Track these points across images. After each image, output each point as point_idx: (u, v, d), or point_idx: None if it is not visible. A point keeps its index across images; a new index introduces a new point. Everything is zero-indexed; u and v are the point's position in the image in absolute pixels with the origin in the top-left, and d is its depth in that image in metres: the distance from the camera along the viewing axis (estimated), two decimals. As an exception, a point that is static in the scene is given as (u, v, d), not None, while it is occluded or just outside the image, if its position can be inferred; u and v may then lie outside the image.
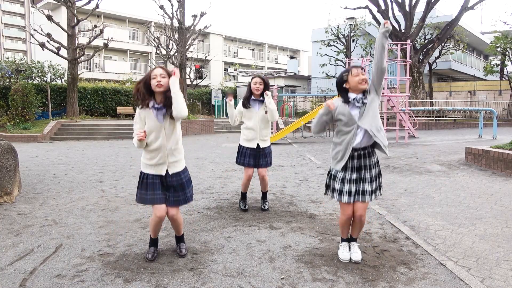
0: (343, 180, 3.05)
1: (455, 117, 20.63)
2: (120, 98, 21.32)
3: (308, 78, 36.86)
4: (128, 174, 7.07)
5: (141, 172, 3.09)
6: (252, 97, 4.35)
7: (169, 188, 3.06)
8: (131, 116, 21.06)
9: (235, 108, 4.42)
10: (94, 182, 6.33)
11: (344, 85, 3.01)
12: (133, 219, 4.28)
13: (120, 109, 20.97)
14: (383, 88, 13.56)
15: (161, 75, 2.92)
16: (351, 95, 2.99)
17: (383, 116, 13.72)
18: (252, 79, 4.38)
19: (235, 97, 26.51)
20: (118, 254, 3.28)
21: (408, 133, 13.73)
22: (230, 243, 3.54)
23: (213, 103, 25.51)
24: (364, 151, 3.03)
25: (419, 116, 19.31)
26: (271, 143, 4.93)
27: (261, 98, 4.34)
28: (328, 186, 3.21)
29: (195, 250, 3.35)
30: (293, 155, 10.00)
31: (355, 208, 3.05)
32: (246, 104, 4.36)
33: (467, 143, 10.82)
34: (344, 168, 3.05)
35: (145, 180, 3.04)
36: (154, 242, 3.25)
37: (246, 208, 4.63)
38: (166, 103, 2.94)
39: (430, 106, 20.75)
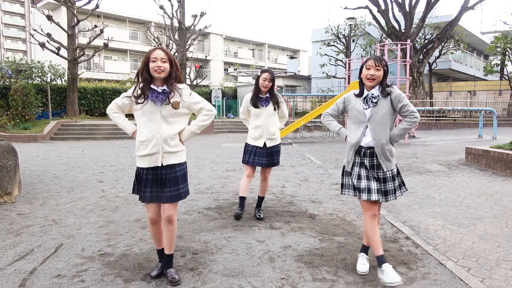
0: (359, 177, 2.83)
1: (455, 117, 20.64)
2: (120, 98, 21.30)
3: (308, 78, 36.87)
4: (128, 174, 7.07)
5: (137, 167, 2.79)
6: (259, 94, 4.13)
7: (163, 183, 2.71)
8: (131, 116, 21.05)
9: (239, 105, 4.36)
10: (94, 182, 6.33)
11: (361, 75, 2.87)
12: (133, 219, 4.28)
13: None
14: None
15: (162, 59, 2.62)
16: (365, 93, 2.85)
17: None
18: (261, 73, 4.14)
19: (235, 97, 26.53)
20: (118, 254, 3.28)
21: (408, 133, 13.73)
22: (230, 243, 3.54)
23: (213, 103, 25.51)
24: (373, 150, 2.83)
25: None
26: None
27: (267, 95, 4.15)
28: (342, 185, 2.99)
29: (195, 250, 3.35)
30: (293, 155, 10.00)
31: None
32: (255, 103, 4.14)
33: (467, 143, 10.82)
34: (358, 165, 2.86)
35: (139, 175, 2.75)
36: (159, 254, 2.92)
37: (241, 212, 4.13)
38: (168, 88, 2.68)
39: (430, 106, 20.74)
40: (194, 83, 28.77)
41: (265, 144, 4.17)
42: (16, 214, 4.43)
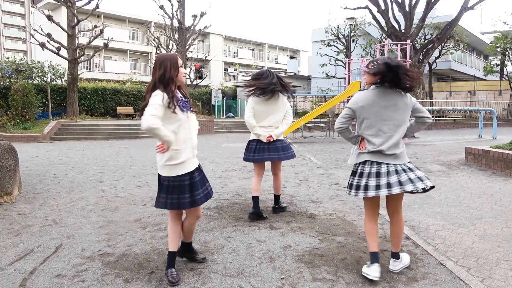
0: (369, 175, 2.79)
1: (455, 117, 20.64)
2: (120, 98, 21.32)
3: (308, 78, 36.88)
4: (128, 174, 7.07)
5: (161, 176, 2.77)
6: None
7: (195, 186, 2.77)
8: (131, 116, 21.06)
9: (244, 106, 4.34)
10: (94, 182, 6.33)
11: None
12: (133, 219, 4.28)
13: (120, 109, 20.98)
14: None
15: (181, 65, 2.77)
16: None
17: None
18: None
19: (235, 97, 26.52)
20: (118, 254, 3.28)
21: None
22: (230, 243, 3.54)
23: (213, 103, 25.51)
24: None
25: (419, 116, 19.28)
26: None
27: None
28: (351, 185, 2.90)
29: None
30: (293, 155, 9.98)
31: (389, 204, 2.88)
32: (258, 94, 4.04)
33: (467, 143, 10.82)
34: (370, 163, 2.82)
35: (170, 184, 2.71)
36: (173, 257, 2.85)
37: (256, 214, 4.17)
38: (184, 95, 2.81)
39: (430, 106, 20.74)
40: (194, 83, 28.82)
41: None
42: (16, 214, 4.43)
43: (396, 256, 2.94)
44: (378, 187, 2.74)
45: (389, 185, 2.71)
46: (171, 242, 2.85)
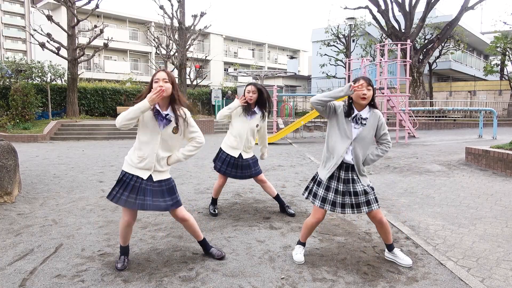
0: (327, 188, 3.02)
1: (455, 117, 20.63)
2: (120, 98, 21.32)
3: (308, 78, 36.88)
4: (128, 174, 7.06)
5: (123, 171, 2.93)
6: (247, 104, 4.12)
7: (156, 193, 2.90)
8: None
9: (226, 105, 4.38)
10: (94, 182, 6.33)
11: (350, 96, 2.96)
12: (133, 219, 4.27)
13: (120, 109, 20.98)
14: (383, 88, 13.57)
15: (164, 80, 2.77)
16: (353, 111, 2.95)
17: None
18: (246, 86, 4.16)
19: (235, 97, 26.53)
20: (118, 254, 3.28)
21: (408, 133, 13.73)
22: (230, 243, 3.54)
23: (213, 103, 25.51)
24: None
25: (419, 116, 19.32)
26: (271, 143, 4.81)
27: (254, 109, 4.15)
28: (310, 191, 3.16)
29: (195, 250, 3.35)
30: (293, 155, 10.00)
31: (372, 216, 3.02)
32: (240, 110, 4.13)
33: (467, 143, 10.83)
34: (331, 177, 3.02)
35: (126, 180, 2.89)
36: (124, 250, 3.09)
37: (216, 212, 4.41)
38: (174, 113, 2.85)
39: (430, 106, 20.75)
40: (194, 83, 28.82)
41: (240, 155, 4.19)
42: (16, 214, 4.43)
43: (390, 247, 3.15)
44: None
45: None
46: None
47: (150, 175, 2.89)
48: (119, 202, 2.88)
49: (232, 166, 4.20)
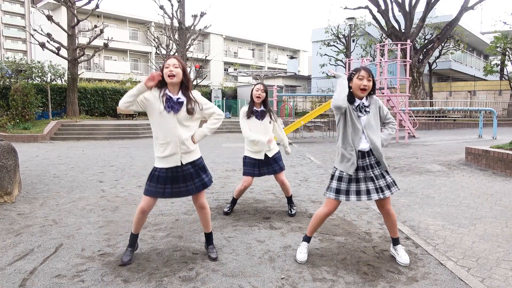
0: (350, 181, 3.02)
1: (455, 117, 20.64)
2: (120, 98, 21.22)
3: (308, 78, 36.86)
4: (128, 174, 7.07)
5: (154, 167, 3.03)
6: (254, 107, 4.19)
7: (186, 178, 3.02)
8: (131, 116, 21.06)
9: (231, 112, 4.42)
10: (94, 182, 6.33)
11: (349, 83, 3.01)
12: (133, 219, 4.27)
13: (120, 109, 20.98)
14: (383, 88, 13.57)
15: (174, 65, 2.89)
16: (356, 101, 3.00)
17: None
18: (254, 86, 4.27)
19: (235, 97, 26.53)
20: (118, 254, 3.28)
21: (408, 133, 13.73)
22: (230, 243, 3.54)
23: (213, 103, 25.52)
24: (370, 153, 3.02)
25: (419, 116, 19.32)
26: None
27: (262, 108, 4.23)
28: (332, 188, 3.12)
29: (195, 250, 3.35)
30: (293, 155, 10.00)
31: (380, 205, 3.08)
32: (250, 116, 4.20)
33: (467, 143, 10.83)
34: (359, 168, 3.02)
35: (156, 174, 2.99)
36: (133, 239, 3.18)
37: (229, 211, 4.46)
38: (185, 95, 2.95)
39: (430, 106, 20.75)
40: (194, 83, 28.80)
41: (266, 155, 4.29)
42: (16, 214, 4.43)
43: (396, 241, 3.19)
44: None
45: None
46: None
47: (180, 161, 2.97)
48: (147, 193, 2.99)
49: (261, 166, 4.29)
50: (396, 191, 3.07)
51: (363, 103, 3.00)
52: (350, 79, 3.01)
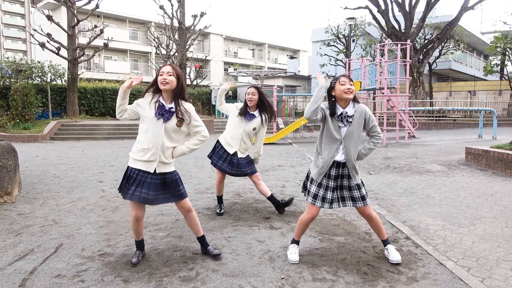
0: (319, 185, 3.05)
1: (455, 117, 20.63)
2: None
3: (308, 78, 36.87)
4: (128, 174, 7.06)
5: (128, 166, 2.99)
6: (247, 109, 4.18)
7: (158, 186, 2.96)
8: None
9: (226, 102, 4.40)
10: (94, 182, 6.33)
11: (332, 93, 3.00)
12: (133, 219, 4.27)
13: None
14: (383, 88, 13.58)
15: (168, 73, 2.88)
16: (338, 110, 2.98)
17: (382, 116, 13.73)
18: (248, 89, 4.25)
19: (235, 97, 26.51)
20: (118, 254, 3.28)
21: (408, 133, 13.73)
22: (230, 243, 3.54)
23: (213, 103, 25.51)
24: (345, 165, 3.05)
25: (419, 116, 19.31)
26: (271, 143, 4.85)
27: (254, 113, 4.20)
28: (305, 187, 3.23)
29: (195, 250, 3.35)
30: (293, 155, 10.00)
31: (360, 211, 3.11)
32: (242, 114, 4.19)
33: (467, 143, 10.82)
34: (325, 176, 3.05)
35: (132, 175, 2.95)
36: (139, 244, 3.18)
37: (221, 212, 4.42)
38: (176, 105, 2.91)
39: (430, 106, 20.75)
40: (194, 83, 28.82)
41: (235, 153, 4.25)
42: (16, 214, 4.43)
43: (385, 242, 3.21)
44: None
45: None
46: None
47: (155, 169, 2.94)
48: (126, 197, 2.96)
49: (228, 163, 4.25)
50: (369, 203, 3.09)
51: (346, 113, 2.95)
52: (331, 89, 2.99)
